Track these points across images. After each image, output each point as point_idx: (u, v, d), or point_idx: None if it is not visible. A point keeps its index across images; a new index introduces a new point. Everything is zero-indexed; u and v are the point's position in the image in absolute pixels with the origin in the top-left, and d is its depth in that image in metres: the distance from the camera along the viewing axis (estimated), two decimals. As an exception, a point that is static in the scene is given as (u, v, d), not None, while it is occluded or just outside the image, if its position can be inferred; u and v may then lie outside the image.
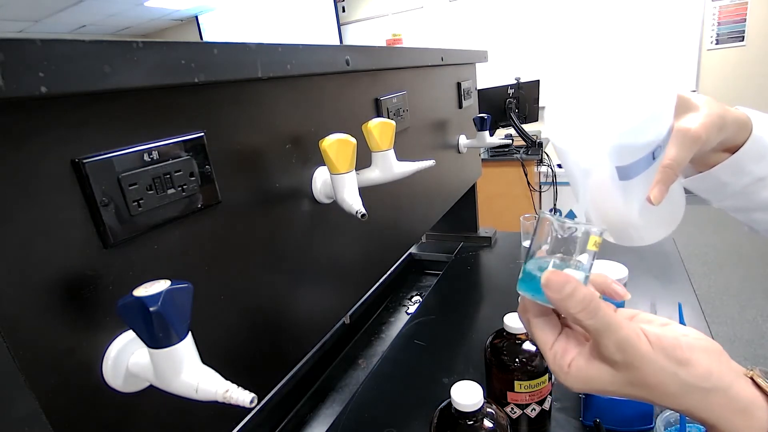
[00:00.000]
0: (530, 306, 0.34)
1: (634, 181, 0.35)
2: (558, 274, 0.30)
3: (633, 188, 0.35)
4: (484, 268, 1.25)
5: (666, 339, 0.29)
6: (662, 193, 0.38)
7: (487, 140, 1.09)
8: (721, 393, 0.28)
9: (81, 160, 0.29)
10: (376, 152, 0.55)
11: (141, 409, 0.34)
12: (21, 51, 0.24)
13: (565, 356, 0.32)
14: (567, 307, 0.29)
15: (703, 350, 0.29)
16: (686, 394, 0.28)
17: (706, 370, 0.28)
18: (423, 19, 4.39)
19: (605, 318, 0.29)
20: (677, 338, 0.29)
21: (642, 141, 0.32)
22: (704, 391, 0.28)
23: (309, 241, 0.54)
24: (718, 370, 0.29)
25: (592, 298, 0.29)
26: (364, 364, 0.99)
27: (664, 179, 0.38)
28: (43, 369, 0.28)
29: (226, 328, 0.43)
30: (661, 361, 0.28)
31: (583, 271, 0.32)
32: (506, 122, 2.58)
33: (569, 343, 0.32)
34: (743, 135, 0.44)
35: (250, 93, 0.44)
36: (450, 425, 0.49)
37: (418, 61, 0.84)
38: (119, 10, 4.46)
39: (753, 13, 3.40)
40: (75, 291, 0.30)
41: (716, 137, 0.42)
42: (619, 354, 0.29)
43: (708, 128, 0.40)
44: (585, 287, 0.30)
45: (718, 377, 0.28)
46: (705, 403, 0.28)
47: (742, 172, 0.45)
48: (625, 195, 0.35)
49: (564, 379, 0.31)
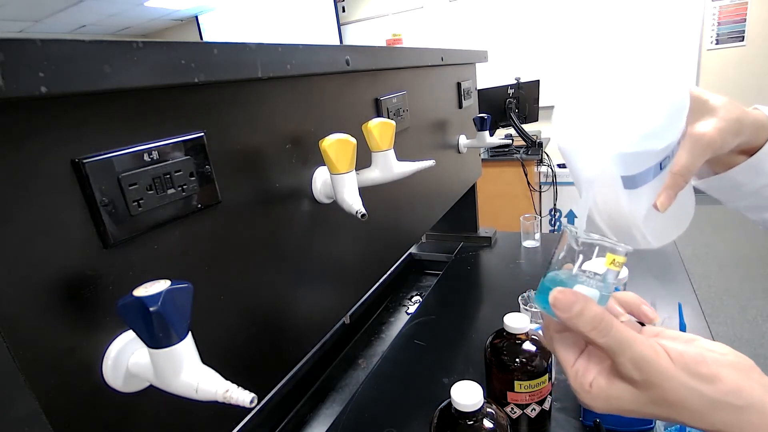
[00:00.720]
0: (551, 322, 0.33)
1: (641, 189, 0.34)
2: (565, 293, 0.29)
3: (639, 195, 0.35)
4: (484, 268, 1.25)
5: (688, 355, 0.28)
6: (670, 200, 0.37)
7: (487, 140, 1.09)
8: (757, 411, 0.27)
9: (81, 160, 0.29)
10: (376, 152, 0.55)
11: (141, 409, 0.34)
12: (21, 51, 0.24)
13: (586, 375, 0.31)
14: (577, 326, 0.29)
15: (731, 366, 0.28)
16: (714, 411, 0.27)
17: (735, 386, 0.27)
18: (423, 19, 4.39)
19: (618, 336, 0.28)
20: (701, 354, 0.28)
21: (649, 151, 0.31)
22: (736, 408, 0.27)
23: (309, 241, 0.54)
24: (748, 386, 0.27)
25: (602, 316, 0.28)
26: (364, 364, 0.99)
27: (672, 186, 0.37)
28: (43, 369, 0.28)
29: (226, 328, 0.43)
30: (683, 377, 0.27)
31: (599, 289, 0.31)
32: (506, 122, 2.58)
33: (591, 362, 0.31)
34: (762, 137, 0.42)
35: (250, 93, 0.44)
36: (450, 425, 0.49)
37: (418, 61, 0.84)
38: (119, 10, 4.46)
39: (753, 13, 3.40)
40: (75, 291, 0.30)
41: (732, 142, 0.40)
42: (636, 372, 0.28)
43: (723, 134, 0.38)
44: (596, 306, 0.29)
45: (749, 394, 0.27)
46: (737, 422, 0.27)
47: (759, 174, 0.44)
48: (630, 201, 0.35)
49: (585, 398, 0.30)
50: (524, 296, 0.87)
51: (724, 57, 3.56)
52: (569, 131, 0.34)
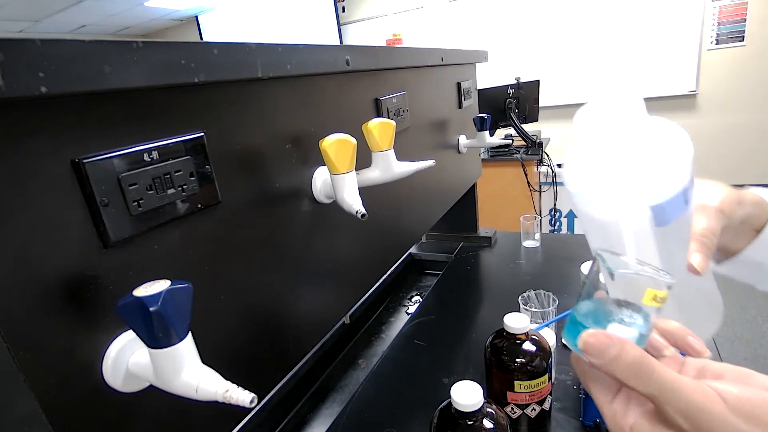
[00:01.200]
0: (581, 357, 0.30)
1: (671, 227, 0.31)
2: (597, 336, 0.26)
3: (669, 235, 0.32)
4: (484, 268, 1.25)
5: (746, 399, 0.24)
6: (705, 260, 0.34)
7: (487, 140, 1.09)
8: None
9: (81, 160, 0.29)
10: (376, 152, 0.55)
11: (141, 409, 0.34)
12: (21, 51, 0.24)
13: (626, 417, 0.27)
14: (612, 373, 0.26)
15: None
16: None
17: None
18: (423, 19, 4.39)
19: (661, 382, 0.25)
20: (763, 397, 0.24)
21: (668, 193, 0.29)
22: None
23: (309, 241, 0.54)
24: None
25: (641, 361, 0.25)
26: (364, 364, 0.99)
27: (701, 247, 0.35)
28: (43, 369, 0.28)
29: (227, 328, 0.43)
30: (741, 426, 0.24)
31: (638, 327, 0.27)
32: (506, 122, 2.57)
33: (630, 402, 0.28)
34: (764, 215, 0.43)
35: (250, 93, 0.44)
36: (450, 425, 0.49)
37: (418, 61, 0.84)
38: (119, 10, 4.46)
39: (753, 13, 3.40)
40: (75, 291, 0.30)
41: (738, 212, 0.40)
42: (686, 422, 0.24)
43: (729, 202, 0.39)
44: (634, 348, 0.25)
45: None
46: None
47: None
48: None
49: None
50: (524, 296, 0.87)
51: (724, 57, 3.56)
52: (584, 179, 0.32)
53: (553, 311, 0.83)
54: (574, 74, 3.96)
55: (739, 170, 3.75)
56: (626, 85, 1.56)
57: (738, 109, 3.62)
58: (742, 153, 3.70)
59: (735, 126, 3.67)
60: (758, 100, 3.55)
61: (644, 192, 0.30)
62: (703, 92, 3.68)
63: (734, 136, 3.69)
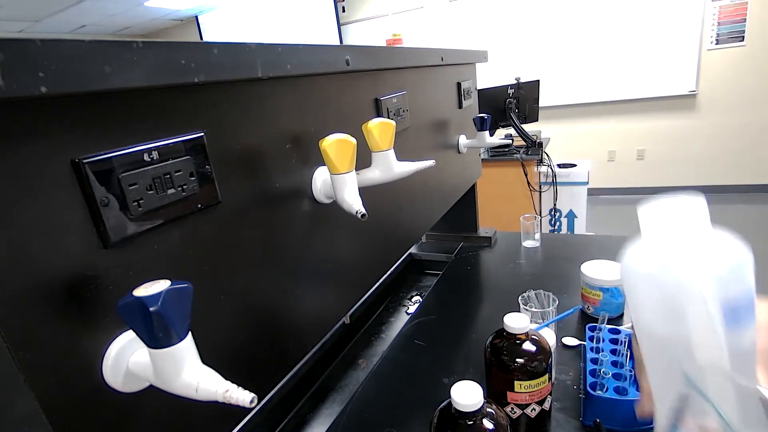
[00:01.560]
0: None
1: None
2: None
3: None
4: (484, 268, 1.25)
5: None
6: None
7: (487, 140, 1.09)
8: None
9: (81, 160, 0.29)
10: (376, 152, 0.55)
11: (141, 409, 0.34)
12: (21, 51, 0.24)
13: None
14: None
15: None
16: None
17: None
18: (423, 19, 4.39)
19: None
20: None
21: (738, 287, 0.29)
22: None
23: (309, 241, 0.54)
24: None
25: None
26: (364, 364, 0.99)
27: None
28: (43, 369, 0.28)
29: (227, 328, 0.43)
30: None
31: None
32: (506, 122, 2.57)
33: None
34: None
35: (250, 93, 0.44)
36: (450, 425, 0.49)
37: (418, 61, 0.84)
38: (119, 10, 4.46)
39: (753, 13, 3.40)
40: (75, 291, 0.30)
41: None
42: None
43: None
44: None
45: None
46: None
47: None
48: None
49: None
50: (524, 296, 0.87)
51: (724, 57, 3.56)
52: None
53: (553, 311, 0.83)
54: (574, 74, 3.96)
55: (739, 170, 3.75)
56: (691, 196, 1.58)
57: (738, 109, 3.62)
58: (743, 153, 3.70)
59: (735, 126, 3.67)
60: (758, 100, 3.55)
61: (714, 281, 0.29)
62: (703, 92, 3.68)
63: (734, 136, 3.69)
